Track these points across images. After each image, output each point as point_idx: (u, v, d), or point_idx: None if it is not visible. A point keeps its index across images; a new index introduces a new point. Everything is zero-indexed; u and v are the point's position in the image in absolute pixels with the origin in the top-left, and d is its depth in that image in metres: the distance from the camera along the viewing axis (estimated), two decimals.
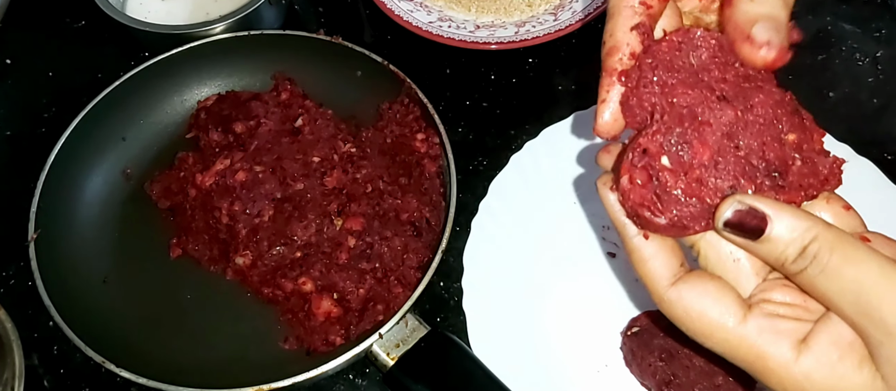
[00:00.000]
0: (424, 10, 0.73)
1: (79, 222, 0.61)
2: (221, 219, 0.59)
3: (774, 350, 0.31)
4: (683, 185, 0.32)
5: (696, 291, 0.33)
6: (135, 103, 0.66)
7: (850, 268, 0.29)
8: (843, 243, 0.30)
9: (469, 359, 0.52)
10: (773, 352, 0.31)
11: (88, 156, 0.63)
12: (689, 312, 0.33)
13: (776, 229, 0.30)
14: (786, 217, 0.30)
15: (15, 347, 0.50)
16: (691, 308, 0.33)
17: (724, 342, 0.32)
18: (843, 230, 0.31)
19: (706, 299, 0.32)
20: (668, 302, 0.33)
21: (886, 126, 0.68)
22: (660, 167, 0.33)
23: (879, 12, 0.75)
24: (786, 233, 0.30)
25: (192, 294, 0.59)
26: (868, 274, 0.29)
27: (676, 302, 0.33)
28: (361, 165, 0.61)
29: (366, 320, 0.55)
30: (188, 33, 0.67)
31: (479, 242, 0.58)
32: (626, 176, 0.33)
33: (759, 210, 0.31)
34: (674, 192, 0.32)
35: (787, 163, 0.33)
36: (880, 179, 0.60)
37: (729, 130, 0.33)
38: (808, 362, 0.31)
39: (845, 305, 0.30)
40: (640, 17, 0.34)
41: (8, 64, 0.74)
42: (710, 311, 0.32)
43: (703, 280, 0.33)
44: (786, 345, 0.31)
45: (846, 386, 0.30)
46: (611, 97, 0.35)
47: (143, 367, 0.51)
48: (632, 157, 0.33)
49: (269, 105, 0.65)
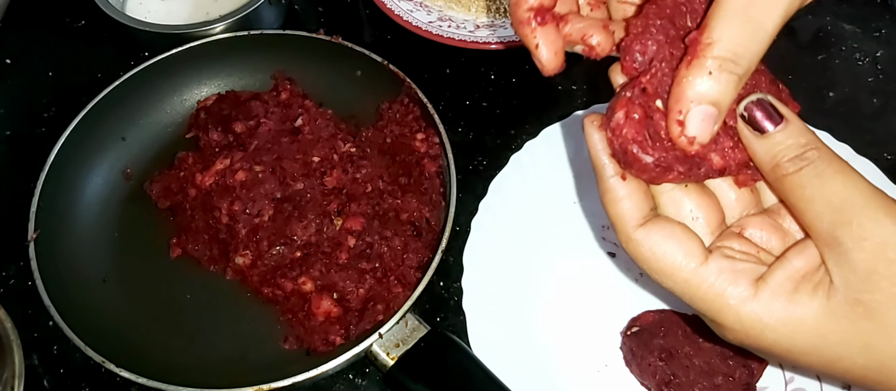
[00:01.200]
0: (424, 9, 0.73)
1: (79, 222, 0.61)
2: (221, 219, 0.59)
3: (732, 289, 0.33)
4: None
5: (662, 233, 0.34)
6: (135, 103, 0.66)
7: (842, 176, 0.31)
8: (839, 159, 0.32)
9: (469, 358, 0.52)
10: (730, 291, 0.33)
11: (88, 156, 0.63)
12: (654, 252, 0.34)
13: (787, 128, 0.32)
14: (798, 123, 0.33)
15: (15, 347, 0.50)
16: (656, 248, 0.34)
17: (684, 282, 0.34)
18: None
19: (671, 241, 0.34)
20: (635, 241, 0.35)
21: (886, 126, 0.68)
22: (655, 108, 0.33)
23: (879, 12, 0.75)
24: (794, 135, 0.32)
25: (192, 294, 0.59)
26: (856, 185, 0.31)
27: (643, 241, 0.35)
28: (361, 165, 0.61)
29: (366, 320, 0.55)
30: (188, 33, 0.67)
31: (479, 242, 0.58)
32: (623, 110, 0.34)
33: (779, 109, 0.33)
34: (663, 134, 0.33)
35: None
36: (880, 179, 0.60)
37: None
38: (765, 296, 0.32)
39: (828, 210, 0.31)
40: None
41: (8, 64, 0.74)
42: (674, 253, 0.34)
43: (671, 224, 0.35)
44: (744, 283, 0.33)
45: (801, 312, 0.32)
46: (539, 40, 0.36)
47: (143, 367, 0.51)
48: (630, 95, 0.34)
49: (268, 105, 0.65)
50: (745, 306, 0.33)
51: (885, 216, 0.30)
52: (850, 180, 0.31)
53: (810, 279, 0.32)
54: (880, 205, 0.31)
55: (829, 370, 0.33)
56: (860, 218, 0.30)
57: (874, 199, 0.31)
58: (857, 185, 0.31)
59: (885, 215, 0.30)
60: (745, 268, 0.33)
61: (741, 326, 0.33)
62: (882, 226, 0.30)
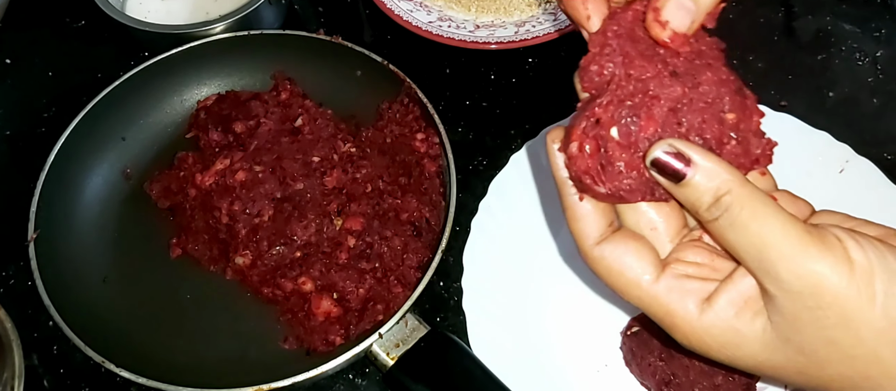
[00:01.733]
0: (424, 9, 0.73)
1: (78, 222, 0.61)
2: (221, 219, 0.59)
3: (681, 308, 0.34)
4: (627, 158, 0.34)
5: (617, 251, 0.35)
6: (134, 103, 0.66)
7: (755, 224, 0.31)
8: (753, 199, 0.32)
9: (469, 358, 0.52)
10: (679, 310, 0.34)
11: (88, 156, 0.63)
12: (611, 269, 0.35)
13: (697, 176, 0.32)
14: (708, 165, 0.32)
15: (15, 347, 0.50)
16: (613, 265, 0.35)
17: (638, 299, 0.35)
18: (758, 188, 0.32)
19: (626, 258, 0.35)
20: (592, 259, 0.36)
21: (886, 126, 0.68)
22: (608, 138, 0.34)
23: (879, 12, 0.75)
24: (705, 180, 0.32)
25: (192, 294, 0.59)
26: (771, 232, 0.31)
27: (599, 259, 0.36)
28: (361, 165, 0.61)
29: (365, 320, 0.55)
30: (188, 33, 0.67)
31: (479, 242, 0.58)
32: (576, 143, 0.34)
33: (686, 154, 0.32)
34: (617, 164, 0.34)
35: (722, 141, 0.35)
36: (880, 179, 0.60)
37: (675, 106, 0.34)
38: (708, 318, 0.34)
39: (748, 258, 0.32)
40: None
41: (8, 64, 0.74)
42: (628, 270, 0.35)
43: (626, 240, 0.36)
44: (691, 302, 0.34)
45: (740, 339, 0.33)
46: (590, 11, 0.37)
47: (143, 367, 0.51)
48: (585, 125, 0.34)
49: (268, 105, 0.65)
50: (692, 325, 0.34)
51: (804, 259, 0.30)
52: (765, 225, 0.31)
53: (750, 306, 0.33)
54: (797, 249, 0.31)
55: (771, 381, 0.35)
56: (777, 268, 0.31)
57: (790, 242, 0.31)
58: (773, 230, 0.31)
59: (804, 258, 0.30)
60: (692, 288, 0.34)
61: (689, 341, 0.35)
62: (799, 275, 0.30)
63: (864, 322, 0.31)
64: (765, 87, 0.70)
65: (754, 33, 0.74)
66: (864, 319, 0.31)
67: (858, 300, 0.30)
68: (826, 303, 0.31)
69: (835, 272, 0.30)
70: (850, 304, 0.30)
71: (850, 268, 0.30)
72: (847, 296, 0.30)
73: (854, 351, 0.32)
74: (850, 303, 0.30)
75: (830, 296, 0.30)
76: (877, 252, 0.31)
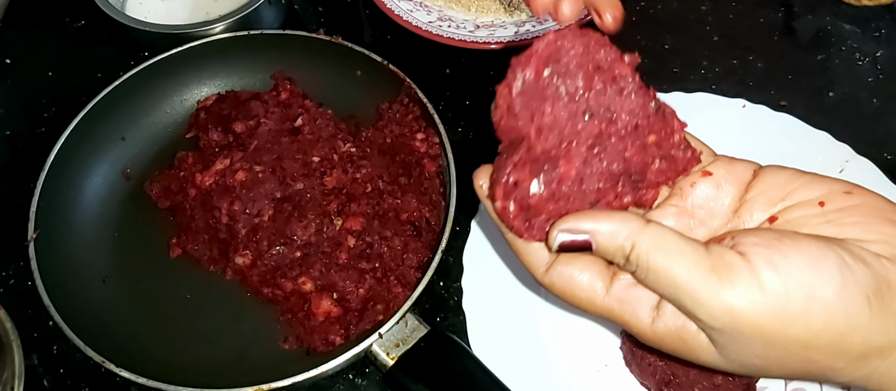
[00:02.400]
0: (424, 9, 0.73)
1: (78, 222, 0.61)
2: (221, 219, 0.59)
3: (633, 317, 0.34)
4: (552, 207, 0.34)
5: (566, 272, 0.36)
6: (134, 103, 0.66)
7: (663, 272, 0.31)
8: (656, 247, 0.32)
9: (469, 358, 0.52)
10: (633, 320, 0.34)
11: (88, 156, 0.63)
12: (564, 292, 0.36)
13: (601, 241, 0.33)
14: (606, 229, 0.33)
15: (15, 347, 0.50)
16: (565, 288, 0.36)
17: (599, 312, 0.36)
18: (662, 228, 0.32)
19: (575, 277, 0.35)
20: (547, 285, 0.36)
21: (886, 126, 0.68)
22: (529, 196, 0.34)
23: (879, 12, 0.75)
24: (609, 244, 0.33)
25: (192, 294, 0.59)
26: (679, 274, 0.31)
27: (553, 285, 0.36)
28: (361, 165, 0.61)
29: (365, 320, 0.55)
30: (188, 33, 0.67)
31: (479, 242, 0.58)
32: (499, 202, 0.35)
33: (581, 230, 0.33)
34: (541, 217, 0.34)
35: (646, 165, 0.35)
36: (880, 179, 0.60)
37: (593, 143, 0.34)
38: (660, 326, 0.34)
39: (671, 300, 0.33)
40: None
41: (8, 64, 0.74)
42: (580, 289, 0.35)
43: (570, 259, 0.36)
44: (644, 310, 0.34)
45: (691, 347, 0.33)
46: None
47: (143, 367, 0.51)
48: (505, 183, 0.34)
49: (268, 105, 0.65)
50: (647, 333, 0.34)
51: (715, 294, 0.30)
52: (672, 270, 0.31)
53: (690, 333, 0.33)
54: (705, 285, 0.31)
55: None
56: (694, 308, 0.31)
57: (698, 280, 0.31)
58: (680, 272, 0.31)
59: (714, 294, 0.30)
60: (642, 295, 0.34)
61: (653, 345, 0.35)
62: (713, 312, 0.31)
63: (789, 340, 0.31)
64: (765, 87, 0.70)
65: (754, 33, 0.74)
66: (789, 338, 0.31)
67: (778, 322, 0.30)
68: (747, 333, 0.31)
69: (747, 301, 0.30)
70: (770, 328, 0.30)
71: (761, 293, 0.30)
72: (764, 323, 0.30)
73: (789, 360, 0.32)
74: (769, 327, 0.30)
75: (749, 327, 0.31)
76: (792, 264, 0.30)
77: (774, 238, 0.31)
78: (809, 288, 0.30)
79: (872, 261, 0.31)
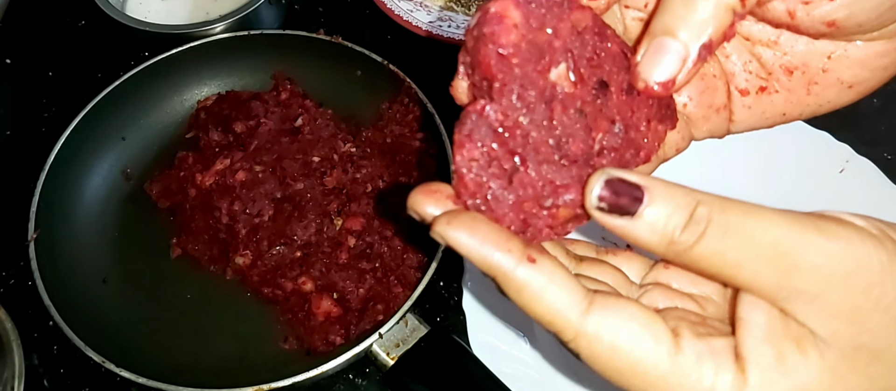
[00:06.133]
0: (424, 9, 0.73)
1: (79, 222, 0.61)
2: (221, 219, 0.59)
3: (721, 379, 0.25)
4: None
5: (620, 316, 0.26)
6: (135, 103, 0.66)
7: (754, 222, 0.24)
8: (731, 201, 0.25)
9: (469, 358, 0.52)
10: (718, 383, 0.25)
11: (88, 155, 0.63)
12: (616, 346, 0.25)
13: (655, 198, 0.25)
14: (660, 185, 0.25)
15: (15, 347, 0.50)
16: (619, 340, 0.25)
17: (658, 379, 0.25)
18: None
19: (633, 325, 0.26)
20: (589, 336, 0.26)
21: (886, 126, 0.68)
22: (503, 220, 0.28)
23: None
24: (665, 201, 0.25)
25: (192, 294, 0.59)
26: (776, 223, 0.24)
27: (601, 333, 0.26)
28: (361, 165, 0.61)
29: (366, 320, 0.55)
30: (188, 33, 0.67)
31: None
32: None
33: (632, 180, 0.25)
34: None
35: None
36: (880, 179, 0.60)
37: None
38: (755, 378, 0.25)
39: (762, 267, 0.24)
40: None
41: (8, 64, 0.74)
42: (641, 342, 0.25)
43: (622, 302, 0.26)
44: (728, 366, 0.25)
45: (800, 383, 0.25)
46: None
47: (143, 367, 0.51)
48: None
49: (268, 105, 0.65)
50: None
51: (819, 237, 0.24)
52: (762, 219, 0.24)
53: (790, 338, 0.25)
54: (808, 227, 0.24)
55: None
56: (805, 257, 0.24)
57: (797, 226, 0.24)
58: (775, 219, 0.24)
59: (818, 236, 0.24)
60: (720, 345, 0.26)
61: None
62: (828, 251, 0.24)
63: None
64: None
65: None
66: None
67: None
68: (875, 278, 0.24)
69: (863, 243, 0.24)
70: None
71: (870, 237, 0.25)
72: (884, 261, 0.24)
73: None
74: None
75: (878, 267, 0.24)
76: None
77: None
78: None
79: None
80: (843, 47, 0.31)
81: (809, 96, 0.33)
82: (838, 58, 0.31)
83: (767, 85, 0.33)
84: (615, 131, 0.29)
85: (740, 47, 0.33)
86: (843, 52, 0.31)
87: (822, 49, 0.31)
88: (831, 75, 0.32)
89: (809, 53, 0.32)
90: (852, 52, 0.31)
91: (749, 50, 0.33)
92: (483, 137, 0.27)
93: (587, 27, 0.28)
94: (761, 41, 0.32)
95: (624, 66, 0.29)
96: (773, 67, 0.33)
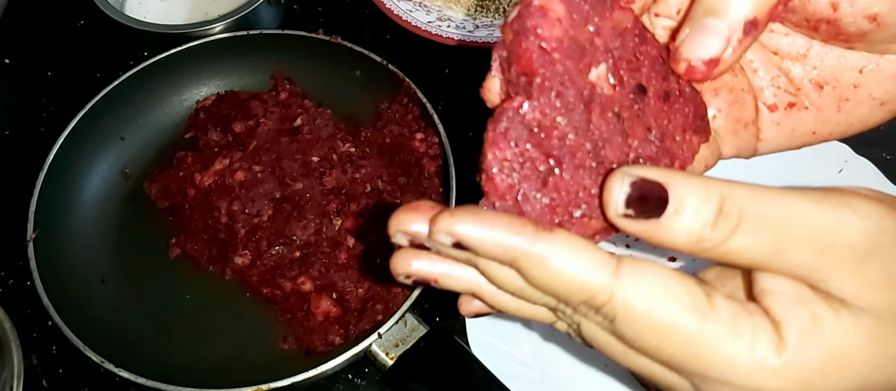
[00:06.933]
0: (424, 9, 0.73)
1: (78, 222, 0.61)
2: (220, 219, 0.59)
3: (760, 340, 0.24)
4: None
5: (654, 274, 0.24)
6: (134, 103, 0.66)
7: (789, 209, 0.24)
8: (760, 189, 0.24)
9: (469, 358, 0.52)
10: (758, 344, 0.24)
11: (87, 155, 0.63)
12: (653, 303, 0.24)
13: (680, 194, 0.23)
14: (685, 181, 0.24)
15: (14, 347, 0.50)
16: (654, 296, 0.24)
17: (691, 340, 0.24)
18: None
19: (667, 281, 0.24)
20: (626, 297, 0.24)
21: (886, 126, 0.67)
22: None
23: None
24: (691, 199, 0.23)
25: (192, 294, 0.59)
26: (811, 206, 0.24)
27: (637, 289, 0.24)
28: (360, 165, 0.61)
29: (365, 320, 0.55)
30: (187, 33, 0.67)
31: None
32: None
33: (654, 178, 0.24)
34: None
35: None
36: (879, 179, 0.60)
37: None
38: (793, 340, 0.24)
39: (799, 253, 0.24)
40: None
41: (7, 64, 0.74)
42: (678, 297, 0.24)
43: (646, 262, 0.25)
44: (765, 328, 0.24)
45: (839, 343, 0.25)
46: None
47: (142, 367, 0.51)
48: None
49: (268, 105, 0.65)
50: (780, 358, 0.24)
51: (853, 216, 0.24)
52: (796, 205, 0.24)
53: (822, 301, 0.25)
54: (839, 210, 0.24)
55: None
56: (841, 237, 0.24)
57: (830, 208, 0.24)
58: (806, 206, 0.24)
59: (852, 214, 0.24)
60: (752, 307, 0.25)
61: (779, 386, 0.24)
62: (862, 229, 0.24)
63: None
64: None
65: None
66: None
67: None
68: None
69: (890, 216, 0.24)
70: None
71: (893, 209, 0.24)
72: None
73: None
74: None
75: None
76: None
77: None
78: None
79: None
80: (875, 60, 0.31)
81: (840, 113, 0.32)
82: (870, 72, 0.31)
83: (797, 101, 0.33)
84: (651, 139, 0.28)
85: (768, 62, 0.32)
86: (875, 67, 0.31)
87: (853, 63, 0.31)
88: (863, 91, 0.32)
89: (840, 68, 0.31)
90: (884, 67, 0.31)
91: (777, 65, 0.32)
92: (518, 136, 0.25)
93: (628, 28, 0.27)
94: (790, 55, 0.32)
95: (662, 72, 0.28)
96: (803, 82, 0.32)
